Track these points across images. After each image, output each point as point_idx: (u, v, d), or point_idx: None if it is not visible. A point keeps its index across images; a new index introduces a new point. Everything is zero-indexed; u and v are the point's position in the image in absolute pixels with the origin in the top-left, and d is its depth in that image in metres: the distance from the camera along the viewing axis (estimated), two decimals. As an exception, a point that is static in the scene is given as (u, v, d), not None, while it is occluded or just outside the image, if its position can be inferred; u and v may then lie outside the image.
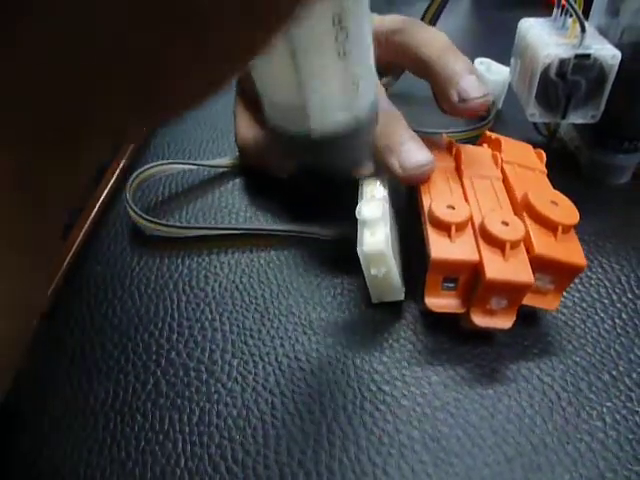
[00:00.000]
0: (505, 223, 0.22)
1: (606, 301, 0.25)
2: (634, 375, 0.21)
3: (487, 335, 0.23)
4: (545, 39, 0.29)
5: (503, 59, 0.37)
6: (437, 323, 0.23)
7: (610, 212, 0.30)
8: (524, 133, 0.35)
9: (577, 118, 0.29)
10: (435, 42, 0.28)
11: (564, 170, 0.32)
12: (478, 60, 0.36)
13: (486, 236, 0.22)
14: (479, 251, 0.21)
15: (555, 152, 0.33)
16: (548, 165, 0.28)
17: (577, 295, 0.25)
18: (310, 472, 0.19)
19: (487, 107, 0.26)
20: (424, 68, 0.28)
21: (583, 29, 0.27)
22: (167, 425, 0.21)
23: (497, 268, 0.21)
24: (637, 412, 0.20)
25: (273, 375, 0.22)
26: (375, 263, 0.21)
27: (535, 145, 0.33)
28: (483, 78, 0.35)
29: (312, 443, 0.20)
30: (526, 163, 0.26)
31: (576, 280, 0.26)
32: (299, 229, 0.28)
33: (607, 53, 0.27)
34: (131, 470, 0.19)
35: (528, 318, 0.23)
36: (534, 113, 0.30)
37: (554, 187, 0.25)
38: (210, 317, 0.25)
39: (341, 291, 0.25)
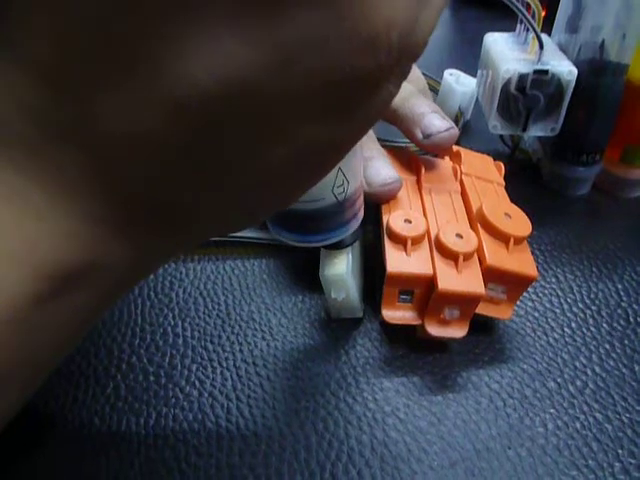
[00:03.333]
0: (459, 235, 0.23)
1: (557, 310, 0.25)
2: (578, 382, 0.22)
3: (441, 344, 0.24)
4: (507, 54, 0.30)
5: (473, 71, 0.37)
6: (394, 332, 0.24)
7: (568, 223, 0.31)
8: (491, 144, 0.36)
9: (537, 131, 0.30)
10: (400, 91, 0.29)
11: (526, 181, 0.34)
12: (448, 71, 0.37)
13: (441, 248, 0.22)
14: (433, 263, 0.22)
15: (518, 163, 0.34)
16: (511, 176, 0.29)
17: (530, 304, 0.26)
18: (259, 475, 0.19)
19: (453, 140, 0.26)
20: (391, 115, 0.28)
21: (541, 46, 0.28)
22: (124, 428, 0.21)
23: (449, 280, 0.21)
24: (578, 419, 0.21)
25: (230, 380, 0.23)
26: (336, 288, 0.22)
27: (500, 156, 0.34)
28: (452, 90, 0.36)
29: (263, 447, 0.20)
30: (485, 175, 0.27)
31: (530, 289, 0.26)
32: (265, 237, 0.28)
33: (564, 69, 0.28)
34: (87, 471, 0.20)
35: (482, 326, 0.24)
36: (496, 125, 0.30)
37: (516, 198, 0.26)
38: (173, 322, 0.25)
39: (302, 298, 0.26)
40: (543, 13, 0.58)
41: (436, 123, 0.26)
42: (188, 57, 0.09)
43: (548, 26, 0.32)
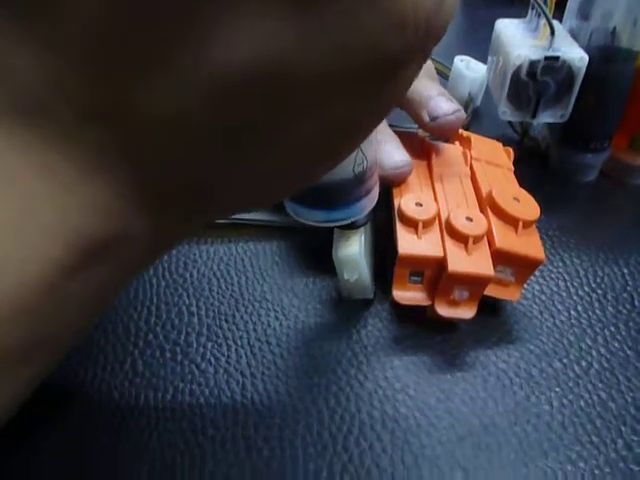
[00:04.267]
0: (469, 219, 0.23)
1: (564, 293, 0.26)
2: (583, 363, 0.23)
3: (450, 324, 0.24)
4: (517, 40, 0.30)
5: (484, 57, 0.37)
6: (404, 312, 0.25)
7: (575, 209, 0.31)
8: (500, 130, 0.36)
9: (547, 117, 0.30)
10: None
11: (535, 167, 0.34)
12: (458, 57, 0.37)
13: (451, 231, 0.23)
14: (444, 245, 0.23)
15: (527, 150, 0.35)
16: (520, 161, 0.29)
17: (537, 287, 0.26)
18: (274, 447, 0.20)
19: (460, 123, 0.26)
20: None
21: (552, 32, 0.28)
22: (142, 402, 0.22)
23: (459, 261, 0.22)
24: (582, 397, 0.22)
25: (245, 357, 0.23)
26: (348, 269, 0.23)
27: (509, 142, 0.34)
28: (462, 76, 0.36)
29: (278, 420, 0.21)
30: (494, 160, 0.27)
31: (537, 273, 0.27)
32: (275, 219, 0.29)
33: (575, 56, 0.28)
34: (106, 443, 0.20)
35: (490, 308, 0.25)
36: (505, 111, 0.31)
37: (524, 183, 0.26)
38: (187, 302, 0.26)
39: (313, 279, 0.27)
40: None
41: (443, 106, 0.26)
42: (230, 37, 0.10)
43: (560, 12, 0.32)
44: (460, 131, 0.29)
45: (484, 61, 0.37)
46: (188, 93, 0.10)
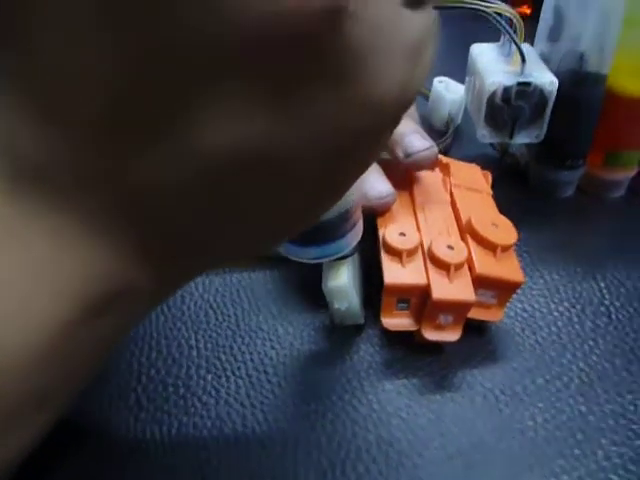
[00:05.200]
0: (450, 247, 0.24)
1: (544, 310, 0.27)
2: (564, 378, 0.24)
3: (438, 346, 0.26)
4: (492, 66, 0.31)
5: (461, 76, 0.39)
6: (394, 337, 0.26)
7: (554, 224, 0.32)
8: (481, 148, 0.37)
9: (523, 138, 0.32)
10: None
11: (515, 184, 0.35)
12: (437, 79, 0.39)
13: (433, 259, 0.24)
14: (427, 273, 0.24)
15: (507, 167, 0.36)
16: (500, 179, 0.31)
17: (519, 305, 0.28)
18: (276, 475, 0.21)
19: (433, 159, 0.28)
20: None
21: (523, 59, 0.29)
22: (148, 437, 0.23)
23: (442, 289, 0.23)
24: (564, 411, 0.23)
25: (244, 388, 0.24)
26: (338, 299, 0.24)
27: (490, 159, 0.36)
28: (441, 97, 0.37)
29: (278, 449, 0.22)
30: (473, 185, 0.29)
31: (519, 291, 0.28)
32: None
33: (546, 80, 0.30)
34: (115, 478, 0.22)
35: (475, 328, 0.26)
36: (484, 134, 0.32)
37: (504, 200, 0.28)
38: (186, 335, 0.27)
39: (306, 307, 0.28)
40: (528, 11, 0.59)
41: (416, 144, 0.27)
42: (214, 127, 0.11)
43: (533, 26, 0.33)
44: (440, 157, 0.31)
45: (461, 80, 0.38)
46: (181, 167, 0.11)
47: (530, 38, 0.34)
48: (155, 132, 0.11)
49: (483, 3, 0.28)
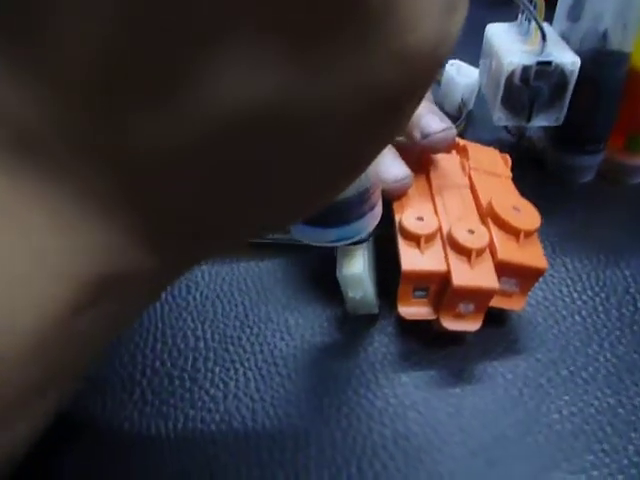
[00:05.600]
0: (471, 231, 0.23)
1: (567, 299, 0.26)
2: (590, 369, 0.23)
3: (456, 337, 0.24)
4: (509, 46, 0.30)
5: (475, 60, 0.37)
6: (410, 326, 0.25)
7: (574, 211, 0.31)
8: (495, 133, 0.36)
9: (541, 121, 0.31)
10: None
11: (532, 169, 0.34)
12: (449, 62, 0.37)
13: (453, 245, 0.23)
14: (447, 260, 0.23)
15: (524, 152, 0.35)
16: (517, 165, 0.29)
17: (540, 294, 0.26)
18: (289, 472, 0.20)
19: (451, 140, 0.27)
20: None
21: (544, 38, 0.28)
22: (154, 432, 0.22)
23: (464, 275, 0.22)
24: (592, 404, 0.22)
25: (253, 381, 0.23)
26: (353, 287, 0.23)
27: (505, 145, 0.34)
28: (454, 81, 0.36)
29: (290, 445, 0.21)
30: (492, 169, 0.27)
31: (540, 279, 0.27)
32: (275, 237, 0.29)
33: (567, 60, 0.28)
34: (120, 475, 0.20)
35: (495, 318, 0.25)
36: (501, 117, 0.31)
37: (522, 186, 0.27)
38: (192, 326, 0.26)
39: (316, 297, 0.27)
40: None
41: (433, 124, 0.26)
42: (226, 80, 0.10)
43: (550, 11, 0.32)
44: (457, 140, 0.29)
45: (474, 63, 0.37)
46: (183, 129, 0.10)
47: (547, 21, 0.33)
48: (159, 87, 0.10)
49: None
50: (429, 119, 0.26)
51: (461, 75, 0.37)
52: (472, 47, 0.38)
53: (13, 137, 0.10)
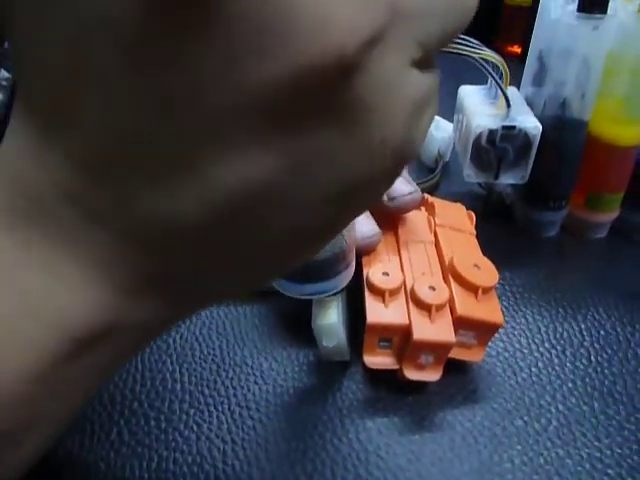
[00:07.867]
0: (432, 288, 0.25)
1: (525, 350, 0.28)
2: (542, 420, 0.25)
3: (419, 385, 0.26)
4: (478, 108, 0.32)
5: (450, 114, 0.40)
6: (377, 375, 0.26)
7: (538, 263, 0.33)
8: (468, 185, 0.38)
9: (508, 179, 0.33)
10: None
11: (500, 222, 0.36)
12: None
13: (415, 300, 0.25)
14: (409, 313, 0.24)
15: (493, 206, 0.37)
16: (486, 217, 0.31)
17: (501, 345, 0.28)
18: (253, 515, 0.21)
19: (417, 203, 0.28)
20: None
21: (508, 104, 0.30)
22: (128, 472, 0.23)
23: (423, 329, 0.24)
24: (542, 454, 0.23)
25: (225, 424, 0.25)
26: (328, 336, 0.24)
27: (477, 197, 0.37)
28: (431, 136, 0.38)
29: (257, 488, 0.22)
30: (458, 225, 0.29)
31: (501, 330, 0.29)
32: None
33: (530, 125, 0.30)
34: (94, 515, 0.22)
35: (456, 368, 0.26)
36: (470, 174, 0.33)
37: (490, 238, 0.29)
38: (171, 368, 0.27)
39: (290, 343, 0.28)
40: (519, 51, 0.61)
41: (399, 187, 0.28)
42: (220, 164, 0.11)
43: (521, 65, 0.34)
44: (426, 196, 0.31)
45: (449, 118, 0.39)
46: (182, 206, 0.11)
47: (518, 79, 0.35)
48: (167, 170, 0.11)
49: (470, 49, 0.29)
50: (396, 182, 0.28)
51: (439, 129, 0.39)
52: (450, 103, 0.40)
53: (31, 209, 0.11)
